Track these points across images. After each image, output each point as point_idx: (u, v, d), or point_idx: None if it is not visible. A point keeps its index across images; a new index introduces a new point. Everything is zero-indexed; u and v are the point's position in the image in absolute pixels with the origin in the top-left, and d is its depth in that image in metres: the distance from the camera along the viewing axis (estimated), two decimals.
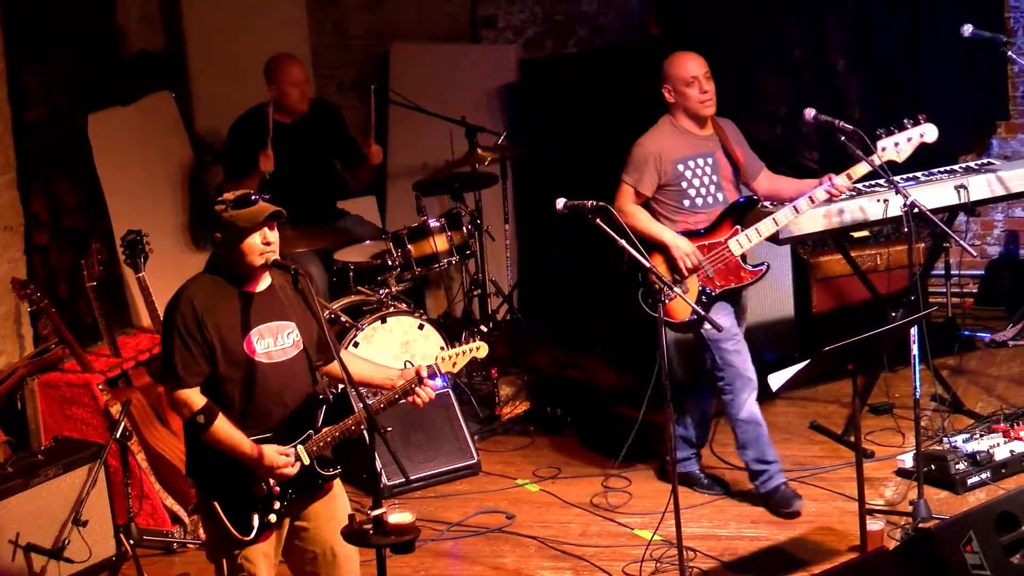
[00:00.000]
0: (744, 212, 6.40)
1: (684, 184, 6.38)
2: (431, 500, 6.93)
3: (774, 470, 6.50)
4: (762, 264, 6.46)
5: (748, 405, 6.42)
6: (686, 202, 6.38)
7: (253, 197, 4.90)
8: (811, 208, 6.39)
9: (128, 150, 8.18)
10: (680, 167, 6.38)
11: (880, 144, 6.35)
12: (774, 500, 6.49)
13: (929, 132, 6.40)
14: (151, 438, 6.72)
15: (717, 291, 6.35)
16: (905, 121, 6.35)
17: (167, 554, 6.59)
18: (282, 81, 7.83)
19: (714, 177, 6.41)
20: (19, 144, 7.46)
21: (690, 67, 6.40)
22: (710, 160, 6.43)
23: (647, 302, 6.29)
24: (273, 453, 4.90)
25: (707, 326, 6.27)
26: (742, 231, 6.37)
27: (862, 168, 6.28)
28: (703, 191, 6.39)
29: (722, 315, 6.36)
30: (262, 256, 4.88)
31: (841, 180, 6.28)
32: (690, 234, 6.36)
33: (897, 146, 6.35)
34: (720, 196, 6.41)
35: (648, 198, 6.41)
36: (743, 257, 6.39)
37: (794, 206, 6.34)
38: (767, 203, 6.66)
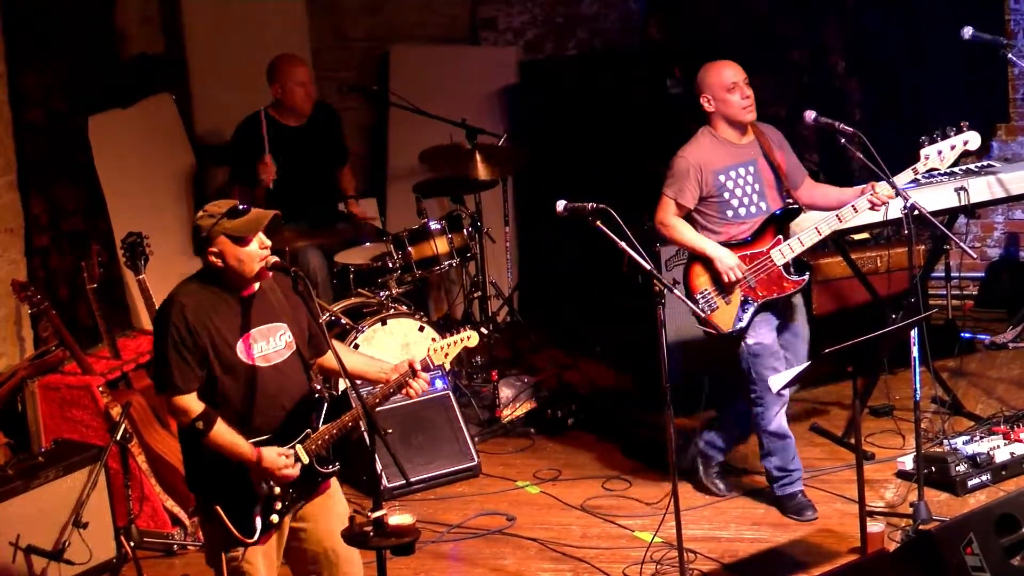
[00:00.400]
0: (786, 221, 6.35)
1: (726, 195, 6.32)
2: (431, 502, 6.93)
3: (795, 477, 6.50)
4: (805, 274, 6.42)
5: (777, 419, 6.42)
6: (729, 212, 6.34)
7: (242, 207, 4.89)
8: (854, 217, 6.33)
9: (128, 152, 8.18)
10: (721, 178, 6.33)
11: (923, 152, 6.29)
12: (788, 505, 6.50)
13: (973, 139, 6.34)
14: (151, 440, 6.73)
15: (759, 301, 6.32)
16: (948, 128, 6.32)
17: (167, 556, 6.58)
18: (287, 79, 7.83)
19: (756, 186, 6.35)
20: (19, 146, 7.47)
21: (729, 74, 6.33)
22: (751, 168, 6.37)
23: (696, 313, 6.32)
24: (272, 455, 4.90)
25: (749, 341, 6.30)
26: (784, 241, 6.32)
27: (905, 176, 6.25)
28: (745, 200, 6.34)
29: (764, 329, 6.34)
30: (261, 261, 4.88)
31: (883, 188, 6.22)
32: (732, 244, 6.32)
33: (940, 154, 6.29)
34: (763, 205, 6.35)
35: (690, 210, 6.37)
36: (786, 267, 6.35)
37: (837, 215, 6.28)
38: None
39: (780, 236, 6.34)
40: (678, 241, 6.39)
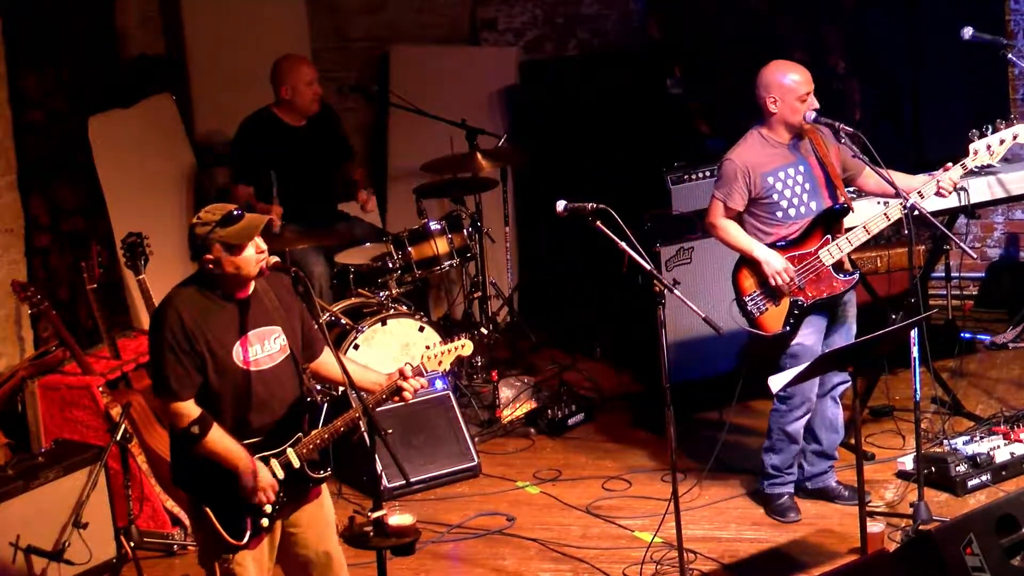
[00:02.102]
0: (834, 221, 6.30)
1: (776, 196, 6.28)
2: (431, 502, 6.93)
3: (787, 480, 6.51)
4: (854, 274, 6.38)
5: (796, 423, 6.42)
6: (779, 213, 6.30)
7: (236, 212, 4.88)
8: (901, 214, 6.23)
9: (128, 152, 8.18)
10: (770, 180, 6.28)
11: (972, 146, 6.27)
12: (774, 504, 6.51)
13: (1022, 132, 6.31)
14: (151, 440, 6.72)
15: (809, 302, 6.28)
16: (998, 121, 6.28)
17: (167, 556, 6.59)
18: (297, 80, 7.82)
19: (806, 185, 6.30)
20: (19, 147, 7.47)
21: (803, 81, 6.25)
22: (801, 168, 6.31)
23: (744, 312, 6.31)
24: (268, 477, 4.90)
25: (794, 340, 6.28)
26: (832, 241, 6.29)
27: (956, 172, 6.23)
28: (795, 201, 6.30)
29: (809, 330, 6.32)
30: (258, 265, 4.88)
31: (955, 173, 6.18)
32: (780, 245, 6.29)
33: (990, 148, 6.27)
34: (813, 204, 6.30)
35: (739, 212, 6.34)
36: (835, 266, 6.31)
37: (885, 213, 6.25)
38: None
39: (828, 236, 6.29)
40: (727, 243, 6.35)
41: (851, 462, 6.52)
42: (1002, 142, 6.28)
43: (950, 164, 6.25)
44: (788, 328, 6.28)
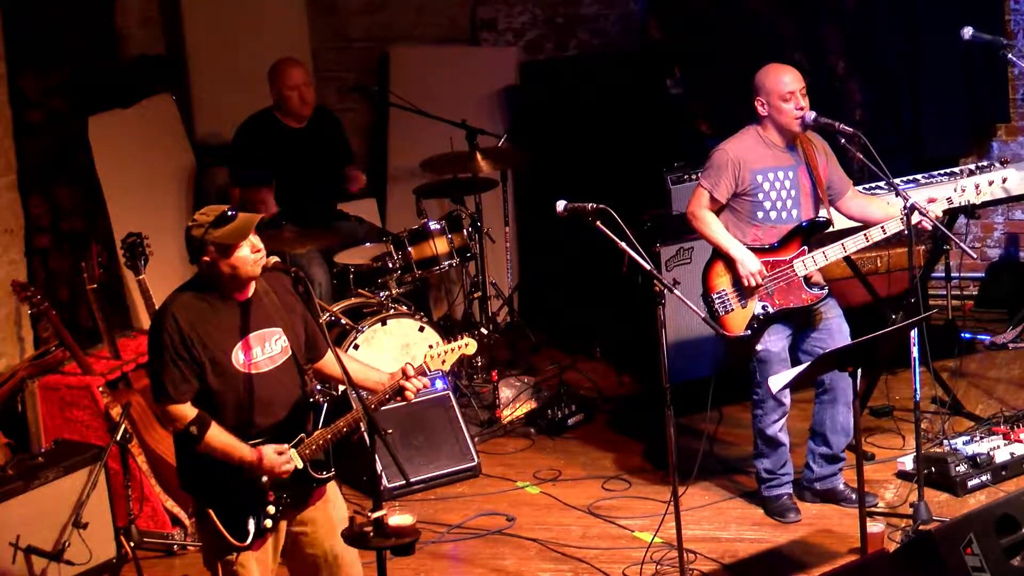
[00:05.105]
0: (812, 233, 6.32)
1: (760, 196, 6.30)
2: (431, 502, 6.93)
3: (783, 480, 6.52)
4: (824, 288, 6.39)
5: (774, 426, 6.43)
6: (760, 214, 6.32)
7: (230, 213, 4.88)
8: (882, 237, 6.30)
9: (128, 152, 8.18)
10: (759, 178, 6.29)
11: (961, 183, 6.33)
12: (773, 506, 6.52)
13: (1011, 177, 6.41)
14: (151, 440, 6.73)
15: (775, 309, 6.30)
16: (995, 162, 6.31)
17: (167, 556, 6.59)
18: (281, 85, 7.88)
19: (792, 192, 6.31)
20: (19, 147, 7.46)
21: (788, 81, 6.27)
22: (791, 174, 6.33)
23: (710, 309, 6.32)
24: (272, 454, 4.91)
25: (758, 347, 6.30)
26: (808, 252, 6.30)
27: (940, 205, 6.24)
28: (778, 204, 6.31)
29: (774, 336, 6.34)
30: (255, 264, 4.88)
31: (915, 218, 6.18)
32: (756, 249, 6.30)
33: (978, 188, 6.33)
34: (795, 212, 6.32)
35: (722, 204, 6.35)
36: (806, 279, 6.32)
37: (865, 234, 6.28)
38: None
39: (805, 247, 6.31)
40: (705, 235, 6.36)
41: (851, 462, 6.53)
42: (991, 183, 6.37)
43: (934, 197, 6.25)
44: (749, 332, 6.29)
